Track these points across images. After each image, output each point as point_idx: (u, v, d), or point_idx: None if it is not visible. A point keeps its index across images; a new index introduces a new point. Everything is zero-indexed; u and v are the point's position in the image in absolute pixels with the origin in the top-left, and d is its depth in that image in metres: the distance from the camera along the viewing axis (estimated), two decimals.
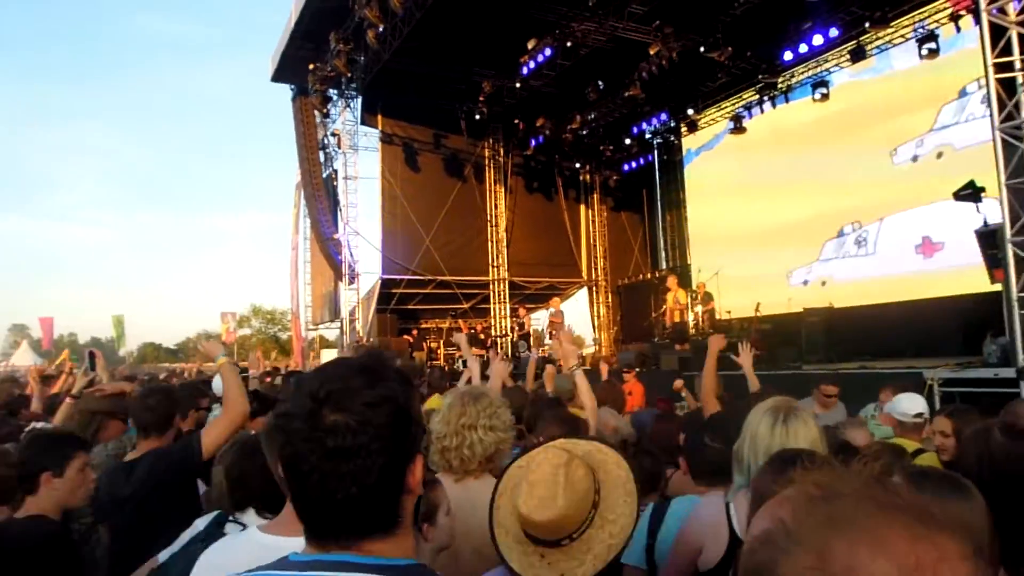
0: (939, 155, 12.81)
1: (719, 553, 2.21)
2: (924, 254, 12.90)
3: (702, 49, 14.06)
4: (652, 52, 14.12)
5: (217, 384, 5.04)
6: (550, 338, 15.77)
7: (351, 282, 18.40)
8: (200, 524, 2.27)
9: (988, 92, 7.04)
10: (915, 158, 13.25)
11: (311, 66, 16.71)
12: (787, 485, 0.72)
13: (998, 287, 7.54)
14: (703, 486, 2.69)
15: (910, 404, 4.21)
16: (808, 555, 0.59)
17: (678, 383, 8.92)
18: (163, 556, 2.24)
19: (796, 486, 0.68)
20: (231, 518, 2.23)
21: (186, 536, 2.25)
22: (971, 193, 8.87)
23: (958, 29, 12.21)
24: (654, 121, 18.56)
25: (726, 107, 17.21)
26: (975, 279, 8.85)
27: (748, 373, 4.70)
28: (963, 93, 12.29)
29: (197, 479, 3.06)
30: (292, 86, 19.25)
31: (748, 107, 16.46)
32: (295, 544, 1.58)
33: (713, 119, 17.76)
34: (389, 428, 1.04)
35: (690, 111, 17.68)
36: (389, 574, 1.01)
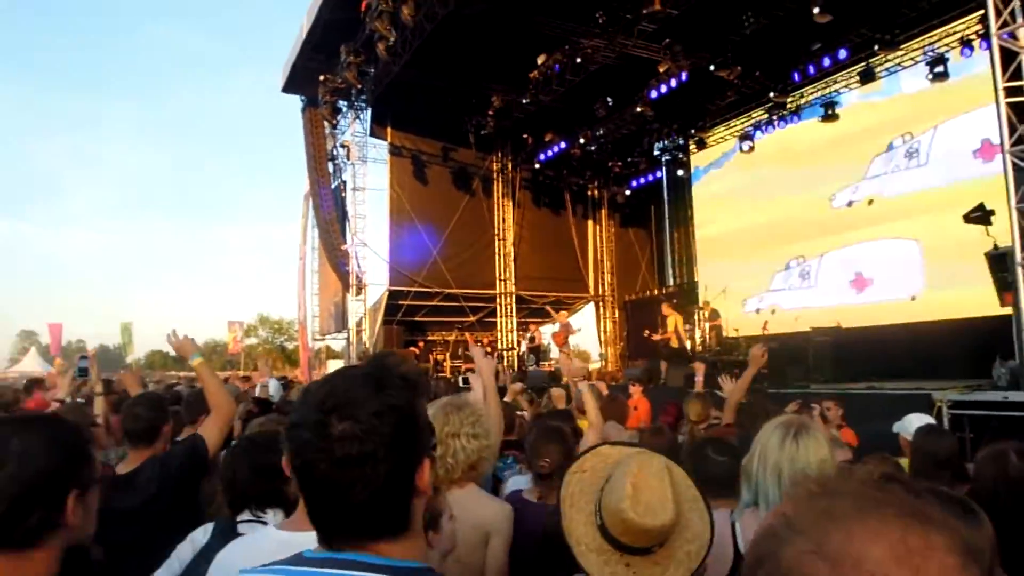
0: (870, 202, 13.96)
1: (724, 572, 2.20)
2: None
3: (711, 68, 14.12)
4: (661, 70, 14.18)
5: (273, 387, 5.07)
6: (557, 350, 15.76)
7: (358, 293, 18.44)
8: (201, 538, 2.22)
9: (999, 116, 7.04)
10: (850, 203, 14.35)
11: (321, 78, 16.81)
12: None
13: (1008, 310, 7.51)
14: (714, 499, 2.70)
15: (919, 425, 4.18)
16: (806, 542, 0.63)
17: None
18: (161, 574, 2.19)
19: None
20: (255, 516, 2.22)
21: (186, 551, 2.20)
22: (980, 216, 8.87)
23: (969, 52, 12.21)
24: (663, 138, 18.62)
25: (735, 125, 17.24)
26: (984, 302, 8.81)
27: (731, 401, 4.63)
28: (890, 147, 13.37)
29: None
30: (302, 97, 19.35)
31: (757, 126, 16.48)
32: (311, 539, 1.60)
33: (722, 137, 17.79)
34: (394, 435, 1.07)
35: (699, 128, 17.73)
36: (399, 575, 1.05)
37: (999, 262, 7.73)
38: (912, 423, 4.27)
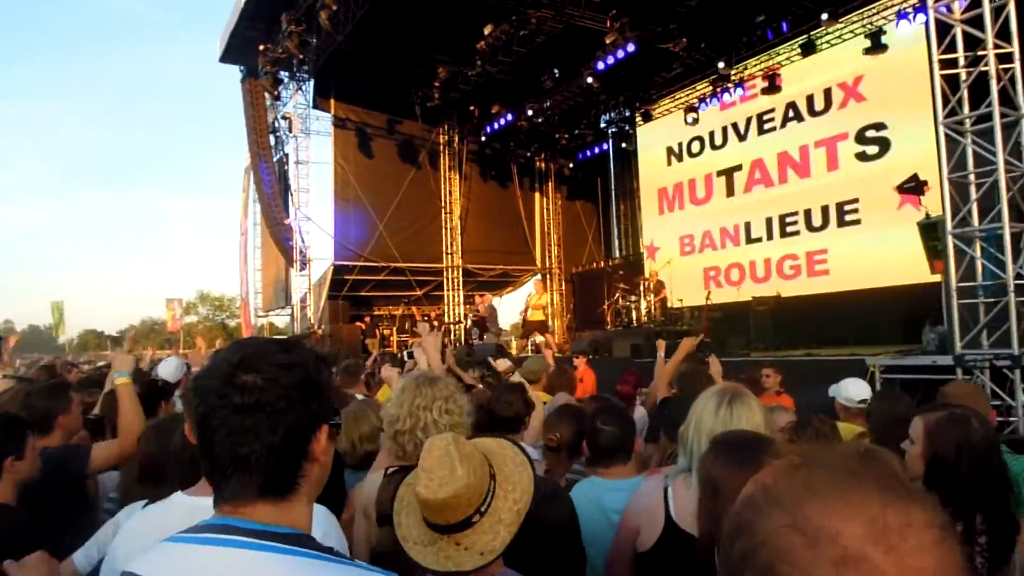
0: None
1: (654, 536, 2.23)
2: None
3: (657, 40, 14.16)
4: (608, 41, 14.16)
5: (164, 368, 4.84)
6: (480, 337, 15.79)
7: (302, 268, 18.11)
8: (124, 519, 2.11)
9: (932, 88, 7.21)
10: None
11: (261, 47, 16.26)
12: (738, 469, 0.75)
13: (937, 278, 7.78)
14: (601, 467, 2.85)
15: (856, 390, 4.30)
16: (784, 515, 0.63)
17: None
18: (79, 557, 2.14)
19: (781, 457, 0.72)
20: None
21: (108, 534, 2.11)
22: (914, 186, 9.14)
23: (908, 22, 12.50)
24: (609, 110, 18.65)
25: (680, 97, 17.37)
26: (917, 269, 9.11)
27: (663, 379, 4.78)
28: None
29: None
30: (241, 67, 18.74)
31: (702, 97, 16.64)
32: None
33: (668, 109, 17.91)
34: (296, 390, 1.10)
35: (645, 100, 17.80)
36: (266, 540, 1.04)
37: (930, 231, 7.99)
38: (847, 387, 4.40)
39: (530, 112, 17.77)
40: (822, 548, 0.59)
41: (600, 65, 14.71)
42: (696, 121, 16.65)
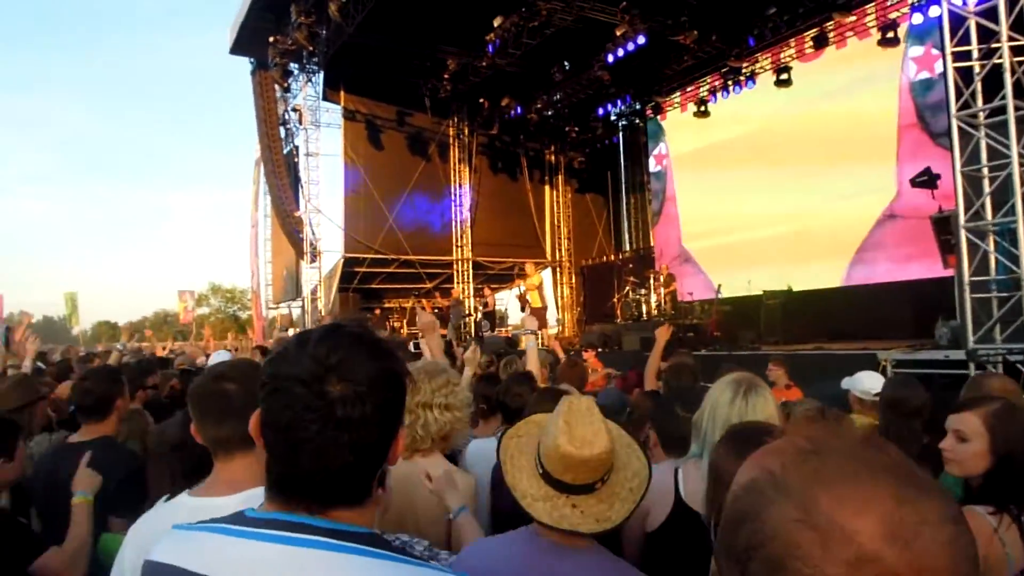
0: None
1: (663, 515, 2.32)
2: None
3: (667, 32, 14.09)
4: (619, 33, 14.10)
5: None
6: (522, 311, 15.82)
7: (313, 260, 18.16)
8: None
9: (946, 80, 7.16)
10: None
11: (271, 39, 16.31)
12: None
13: (950, 272, 7.74)
14: (673, 456, 2.78)
15: (872, 383, 4.30)
16: (794, 507, 0.61)
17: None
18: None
19: (787, 438, 0.69)
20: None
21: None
22: (927, 180, 9.08)
23: (922, 17, 12.39)
24: (619, 103, 18.60)
25: (691, 90, 17.29)
26: (928, 264, 9.07)
27: (650, 370, 4.81)
28: None
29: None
30: (252, 59, 18.80)
31: (713, 91, 16.55)
32: (226, 504, 1.51)
33: (678, 102, 17.84)
34: (390, 401, 1.06)
35: (655, 93, 17.73)
36: (350, 541, 1.00)
37: (943, 225, 7.95)
38: (863, 380, 4.39)
39: (540, 105, 17.72)
40: (835, 546, 0.58)
41: (610, 58, 14.67)
42: (707, 114, 16.56)
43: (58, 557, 2.39)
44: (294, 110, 18.43)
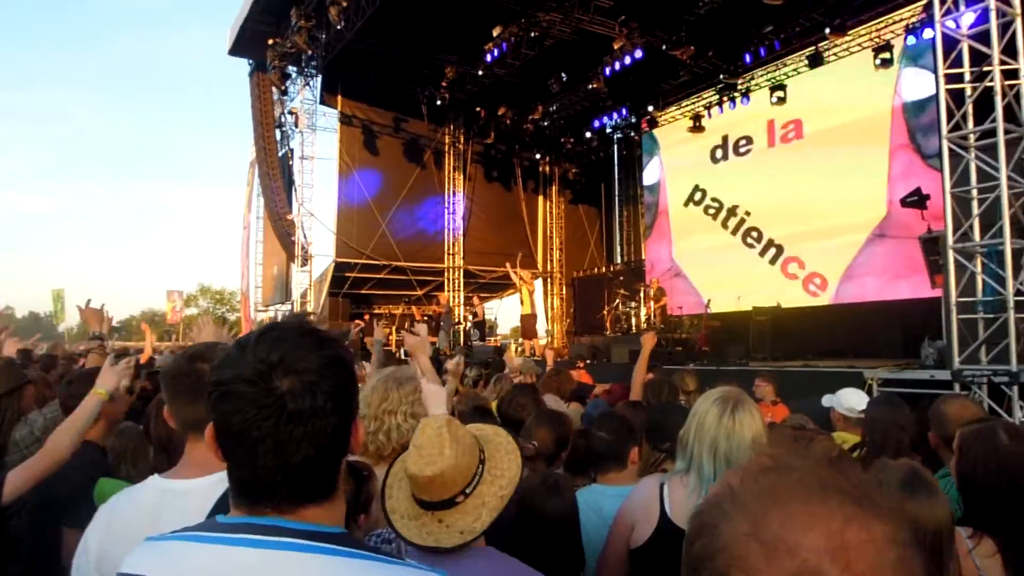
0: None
1: (648, 532, 2.29)
2: None
3: (664, 47, 14.18)
4: (616, 47, 14.18)
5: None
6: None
7: (304, 264, 18.12)
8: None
9: (938, 102, 7.22)
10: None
11: (270, 41, 16.34)
12: None
13: (937, 292, 7.78)
14: (604, 473, 2.86)
15: (856, 400, 4.30)
16: (746, 521, 0.62)
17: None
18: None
19: (754, 457, 0.72)
20: None
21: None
22: (917, 200, 9.14)
23: (916, 39, 12.51)
24: (615, 116, 18.68)
25: (686, 105, 17.38)
26: (917, 284, 9.12)
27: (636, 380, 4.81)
28: None
29: None
30: (250, 61, 18.79)
31: (708, 106, 16.64)
32: (196, 486, 1.53)
33: (673, 117, 17.92)
34: (341, 388, 1.04)
35: (651, 107, 17.82)
36: (322, 541, 0.99)
37: (932, 245, 7.99)
38: (848, 397, 4.39)
39: (536, 115, 17.77)
40: (778, 560, 0.59)
41: (607, 71, 14.74)
42: (701, 129, 16.63)
43: (24, 473, 2.36)
44: (291, 113, 18.43)
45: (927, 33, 11.77)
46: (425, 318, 16.98)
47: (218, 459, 1.05)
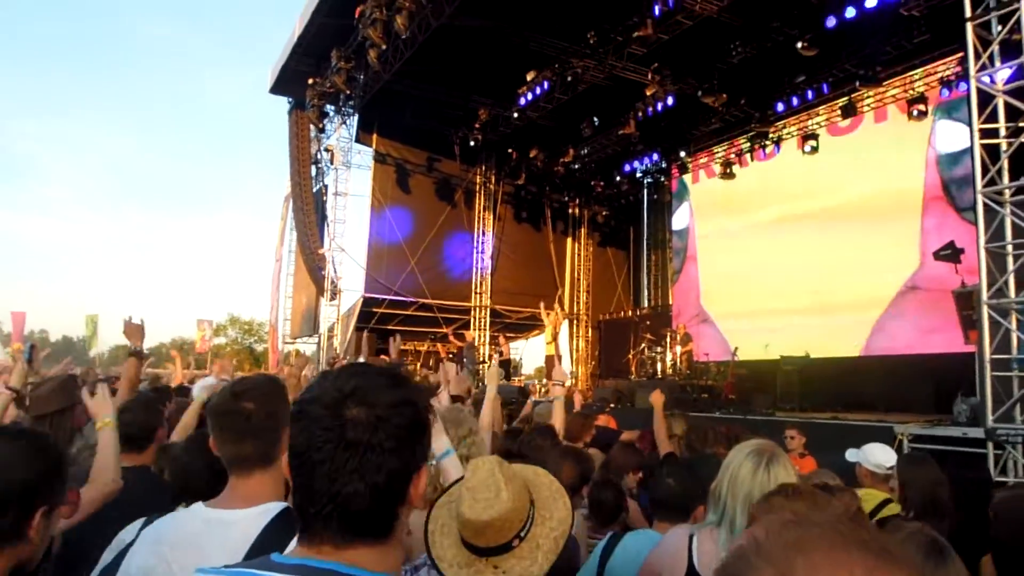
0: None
1: None
2: None
3: (699, 93, 14.31)
4: (648, 93, 14.34)
5: (198, 388, 4.81)
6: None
7: (332, 298, 18.31)
8: (126, 537, 1.96)
9: (972, 156, 7.18)
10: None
11: (310, 81, 16.80)
12: None
13: (971, 347, 7.64)
14: (663, 522, 2.79)
15: (884, 456, 4.21)
16: (773, 571, 0.64)
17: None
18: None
19: (776, 513, 0.73)
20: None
21: (107, 556, 1.97)
22: (951, 253, 9.04)
23: (950, 92, 12.49)
24: (646, 160, 18.79)
25: (717, 152, 17.42)
26: (950, 337, 8.96)
27: (660, 437, 4.77)
28: None
29: None
30: (290, 99, 19.30)
31: (739, 154, 16.67)
32: (240, 517, 1.56)
33: (704, 163, 17.97)
34: (405, 430, 1.06)
35: (682, 153, 17.91)
36: None
37: (965, 300, 7.88)
38: (875, 453, 4.30)
39: (567, 158, 17.96)
40: None
41: (639, 116, 14.89)
42: (732, 176, 16.63)
43: (87, 492, 2.31)
44: (327, 150, 18.85)
45: (962, 87, 11.75)
46: (450, 356, 17.00)
47: (287, 478, 1.09)
